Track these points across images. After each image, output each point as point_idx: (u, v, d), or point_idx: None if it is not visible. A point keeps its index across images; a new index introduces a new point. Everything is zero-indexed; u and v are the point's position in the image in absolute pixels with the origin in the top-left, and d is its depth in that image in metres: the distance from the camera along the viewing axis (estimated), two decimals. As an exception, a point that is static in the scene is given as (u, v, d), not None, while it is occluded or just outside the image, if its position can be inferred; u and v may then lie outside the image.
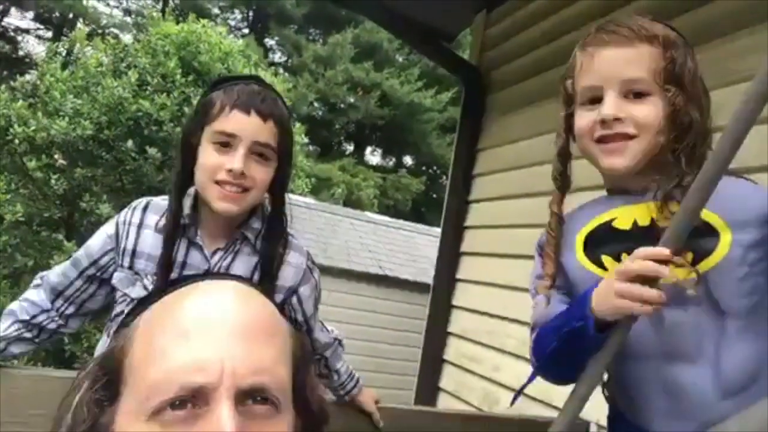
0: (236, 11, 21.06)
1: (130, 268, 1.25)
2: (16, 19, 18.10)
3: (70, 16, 17.38)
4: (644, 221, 0.96)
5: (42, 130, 6.54)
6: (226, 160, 1.14)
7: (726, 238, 0.90)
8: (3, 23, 17.94)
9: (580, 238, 1.04)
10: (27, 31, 18.37)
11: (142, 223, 1.26)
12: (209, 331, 0.54)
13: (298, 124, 8.45)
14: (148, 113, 6.46)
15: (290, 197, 1.32)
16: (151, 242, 1.24)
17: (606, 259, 0.99)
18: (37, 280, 1.36)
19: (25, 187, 7.24)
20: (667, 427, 0.97)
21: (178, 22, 7.50)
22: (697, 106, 0.94)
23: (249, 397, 0.53)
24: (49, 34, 17.70)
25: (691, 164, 0.93)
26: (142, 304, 0.61)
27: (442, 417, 1.86)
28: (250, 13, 20.97)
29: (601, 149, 0.97)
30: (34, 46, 18.24)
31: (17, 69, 15.14)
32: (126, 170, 6.93)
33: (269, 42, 20.46)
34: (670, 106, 0.93)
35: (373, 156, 21.77)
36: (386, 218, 9.68)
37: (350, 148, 20.99)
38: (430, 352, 3.12)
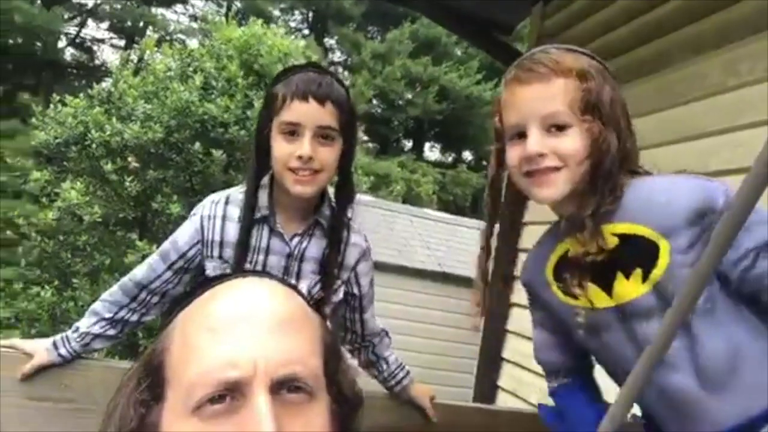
0: (296, 12, 21.45)
1: (220, 257, 1.34)
2: (92, 30, 19.18)
3: (141, 24, 18.21)
4: (575, 253, 1.04)
5: (116, 134, 6.87)
6: (295, 148, 1.23)
7: (664, 247, 0.95)
8: (81, 34, 19.03)
9: (549, 276, 1.11)
10: (102, 41, 19.41)
11: (225, 216, 1.35)
12: (240, 328, 0.57)
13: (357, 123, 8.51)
14: (214, 116, 6.67)
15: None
16: (235, 232, 1.33)
17: (575, 290, 1.05)
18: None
19: (101, 189, 7.65)
20: (676, 429, 1.03)
21: (240, 26, 7.69)
22: (615, 131, 0.98)
23: (283, 386, 0.55)
24: (122, 42, 18.62)
25: (610, 190, 0.98)
26: (179, 304, 0.65)
27: (497, 414, 1.84)
28: (310, 14, 21.31)
29: (529, 182, 1.02)
30: (108, 55, 19.26)
31: (93, 77, 16.02)
32: (194, 171, 7.19)
33: (329, 41, 20.75)
34: (590, 134, 0.97)
35: (432, 152, 21.71)
36: (445, 215, 9.63)
37: (409, 144, 21.00)
38: (488, 350, 3.09)
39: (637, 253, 0.97)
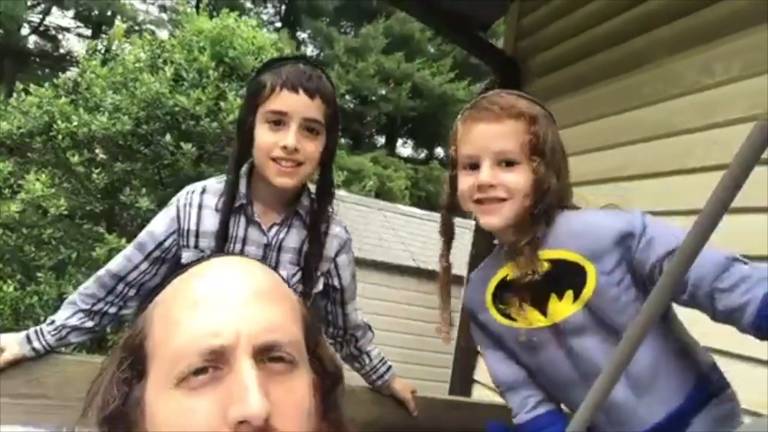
0: (269, 5, 21.24)
1: (196, 247, 1.32)
2: (57, 18, 18.64)
3: (109, 13, 17.78)
4: (513, 277, 1.14)
5: (83, 125, 6.71)
6: (280, 138, 1.23)
7: (591, 271, 1.06)
8: (45, 22, 18.48)
9: (488, 300, 1.21)
10: (67, 30, 18.89)
11: (201, 205, 1.33)
12: (220, 299, 0.58)
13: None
14: (185, 108, 6.56)
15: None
16: (212, 221, 1.31)
17: (512, 311, 1.16)
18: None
19: (68, 181, 7.46)
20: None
21: (212, 17, 7.57)
22: (555, 173, 1.11)
23: (265, 354, 0.56)
24: (89, 32, 18.16)
25: (546, 223, 1.10)
26: (155, 292, 0.65)
27: (478, 407, 1.86)
28: (283, 7, 21.11)
29: (478, 209, 1.13)
30: (74, 44, 18.77)
31: (59, 67, 15.61)
32: (164, 164, 7.06)
33: (301, 35, 20.58)
34: (534, 174, 1.09)
35: (405, 148, 21.76)
36: (418, 210, 9.66)
37: (381, 140, 21.01)
38: (464, 344, 3.12)
39: (567, 276, 1.08)
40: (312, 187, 1.40)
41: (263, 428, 0.51)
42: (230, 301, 0.57)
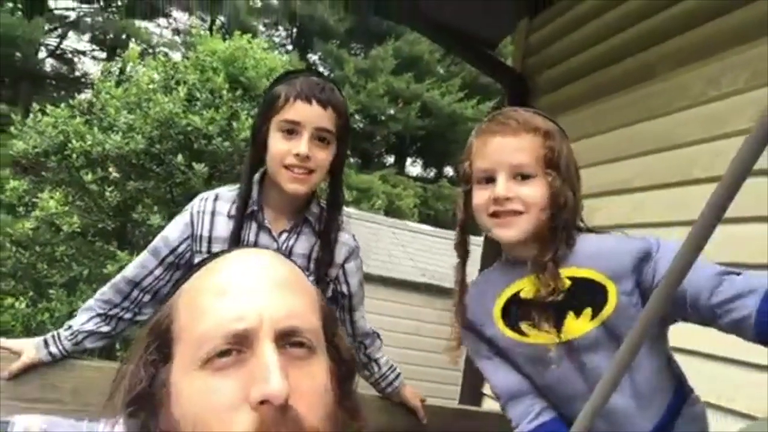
0: (280, 28, 21.54)
1: (209, 252, 1.35)
2: (73, 41, 19.03)
3: (123, 36, 18.10)
4: (530, 293, 1.13)
5: (97, 144, 6.81)
6: (293, 146, 1.27)
7: (612, 290, 1.08)
8: (62, 46, 18.86)
9: (497, 315, 1.19)
10: (83, 53, 19.24)
11: (215, 211, 1.37)
12: (245, 286, 0.61)
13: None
14: (197, 128, 6.65)
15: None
16: (224, 227, 1.35)
17: (524, 326, 1.15)
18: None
19: (81, 199, 7.56)
20: None
21: (224, 40, 7.71)
22: (570, 188, 1.11)
23: (286, 340, 0.59)
24: (104, 54, 18.48)
25: (566, 238, 1.11)
26: (180, 281, 0.68)
27: (488, 417, 1.85)
28: (294, 30, 21.41)
29: (494, 223, 1.12)
30: (89, 67, 19.10)
31: (74, 88, 15.89)
32: (176, 183, 7.14)
33: (312, 57, 20.83)
34: (550, 187, 1.09)
35: (414, 167, 21.83)
36: (427, 227, 9.68)
37: (390, 159, 21.10)
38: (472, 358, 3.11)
39: (588, 294, 1.09)
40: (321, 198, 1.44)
41: (283, 408, 0.54)
42: (254, 289, 0.61)
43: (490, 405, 2.88)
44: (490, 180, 1.12)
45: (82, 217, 7.36)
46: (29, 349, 1.33)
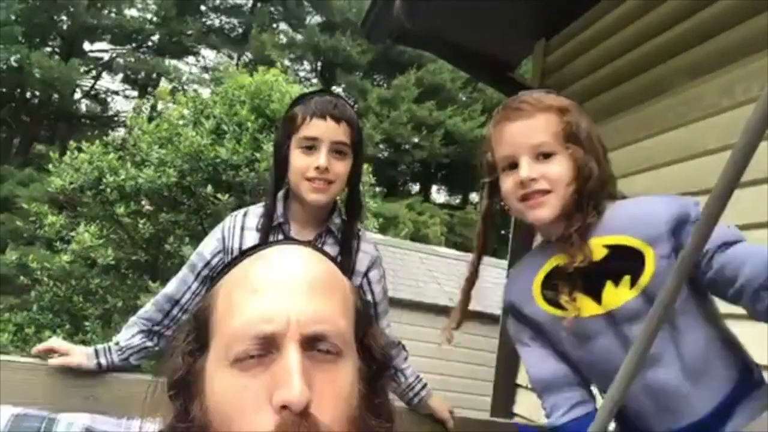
0: (305, 62, 22.05)
1: None
2: (106, 81, 19.79)
3: (154, 75, 18.77)
4: (565, 267, 1.13)
5: (131, 179, 7.01)
6: (313, 160, 1.36)
7: (650, 255, 1.06)
8: (96, 86, 19.62)
9: (536, 291, 1.20)
10: (116, 92, 20.01)
11: (244, 226, 1.46)
12: (276, 288, 0.63)
13: (365, 165, 8.67)
14: (225, 159, 6.81)
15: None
16: (253, 240, 1.43)
17: (563, 301, 1.14)
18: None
19: (114, 232, 7.76)
20: (661, 422, 1.11)
21: (251, 75, 7.93)
22: (594, 159, 1.11)
23: (313, 344, 0.60)
24: (135, 93, 19.16)
25: (595, 209, 1.10)
26: (224, 270, 0.71)
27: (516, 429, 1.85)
28: (318, 64, 21.89)
29: (525, 206, 1.13)
30: (122, 105, 19.81)
31: (108, 126, 16.47)
32: (206, 214, 7.29)
33: (336, 89, 21.20)
34: (574, 161, 1.10)
35: (439, 194, 21.88)
36: (453, 251, 9.66)
37: (416, 187, 21.20)
38: (503, 377, 3.10)
39: (624, 262, 1.08)
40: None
41: (303, 414, 0.55)
42: (285, 290, 0.62)
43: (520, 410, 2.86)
44: (514, 165, 1.13)
45: (116, 250, 7.55)
46: (77, 354, 1.39)
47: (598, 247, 1.09)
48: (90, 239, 7.13)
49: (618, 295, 1.08)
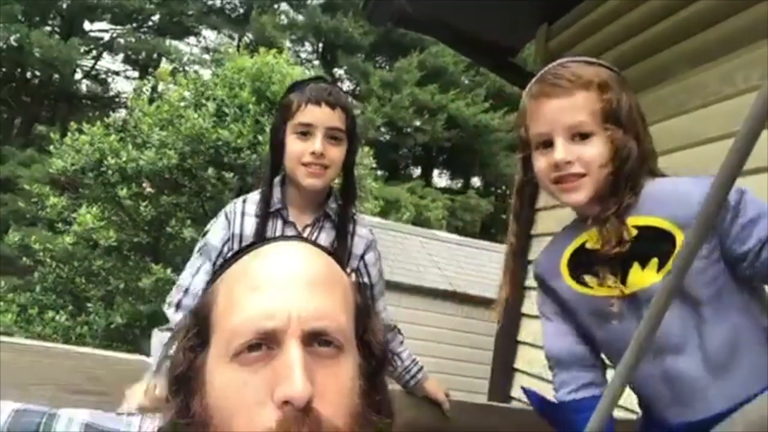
0: (306, 44, 21.88)
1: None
2: (107, 62, 19.69)
3: (155, 56, 18.65)
4: (595, 246, 1.10)
5: (132, 161, 7.03)
6: (308, 146, 1.40)
7: (680, 238, 1.01)
8: (96, 67, 19.52)
9: (563, 266, 1.18)
10: (117, 73, 19.90)
11: (244, 212, 1.49)
12: (277, 285, 0.63)
13: (366, 148, 8.65)
14: (227, 142, 6.81)
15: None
16: (253, 226, 1.46)
17: (587, 278, 1.12)
18: (176, 297, 1.46)
19: (116, 214, 7.79)
20: (676, 414, 1.08)
21: (252, 56, 7.89)
22: (633, 136, 1.06)
23: (314, 339, 0.60)
24: (136, 74, 19.07)
25: (631, 189, 1.06)
26: (223, 267, 0.71)
27: (514, 413, 1.88)
28: (320, 45, 21.73)
29: (558, 188, 1.10)
30: (123, 86, 19.74)
31: (109, 108, 16.43)
32: (207, 197, 7.32)
33: (338, 71, 21.08)
34: (611, 142, 1.05)
35: (441, 178, 21.86)
36: (454, 236, 9.69)
37: (417, 171, 21.17)
38: (500, 361, 3.13)
39: (654, 243, 1.03)
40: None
41: (305, 409, 0.56)
42: (286, 287, 0.63)
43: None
44: (548, 144, 1.08)
45: (117, 232, 7.58)
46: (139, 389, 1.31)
47: (629, 227, 1.06)
48: (92, 221, 7.17)
49: (644, 277, 1.05)
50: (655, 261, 1.04)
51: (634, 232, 1.05)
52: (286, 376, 0.57)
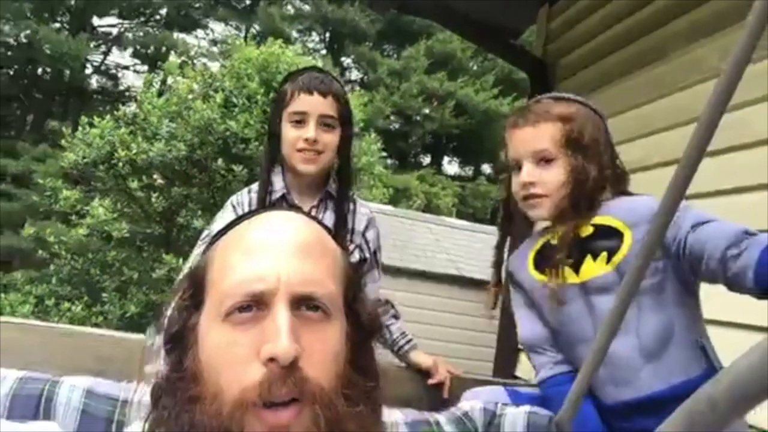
0: (314, 33, 21.85)
1: None
2: (116, 56, 19.80)
3: (163, 49, 18.72)
4: (556, 242, 1.27)
5: (142, 153, 7.08)
6: (302, 133, 1.47)
7: (628, 236, 1.18)
8: (106, 62, 19.64)
9: (530, 260, 1.34)
10: (126, 67, 20.01)
11: (250, 202, 1.57)
12: (268, 250, 0.66)
13: (374, 135, 8.66)
14: (235, 132, 6.84)
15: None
16: None
17: (547, 270, 1.27)
18: None
19: (128, 206, 7.88)
20: (611, 393, 1.20)
21: (259, 47, 7.90)
22: (596, 163, 1.23)
23: (302, 303, 0.63)
24: (145, 68, 19.15)
25: (588, 208, 1.23)
26: (222, 233, 0.75)
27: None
28: (327, 35, 21.69)
29: (526, 204, 1.28)
30: (132, 80, 19.85)
31: (119, 101, 16.53)
32: (217, 187, 7.36)
33: (346, 61, 21.06)
34: (571, 167, 1.22)
35: (451, 166, 21.80)
36: (462, 222, 9.70)
37: (427, 159, 21.13)
38: (504, 341, 3.16)
39: (605, 239, 1.20)
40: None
41: (290, 368, 0.59)
42: (276, 252, 0.65)
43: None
44: (520, 167, 1.27)
45: (130, 223, 7.67)
46: None
47: (587, 226, 1.22)
48: (104, 213, 7.26)
49: (594, 268, 1.20)
50: (604, 255, 1.19)
51: (591, 229, 1.22)
52: (273, 336, 0.60)
